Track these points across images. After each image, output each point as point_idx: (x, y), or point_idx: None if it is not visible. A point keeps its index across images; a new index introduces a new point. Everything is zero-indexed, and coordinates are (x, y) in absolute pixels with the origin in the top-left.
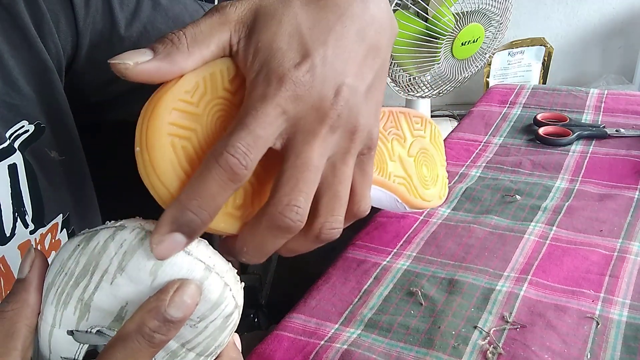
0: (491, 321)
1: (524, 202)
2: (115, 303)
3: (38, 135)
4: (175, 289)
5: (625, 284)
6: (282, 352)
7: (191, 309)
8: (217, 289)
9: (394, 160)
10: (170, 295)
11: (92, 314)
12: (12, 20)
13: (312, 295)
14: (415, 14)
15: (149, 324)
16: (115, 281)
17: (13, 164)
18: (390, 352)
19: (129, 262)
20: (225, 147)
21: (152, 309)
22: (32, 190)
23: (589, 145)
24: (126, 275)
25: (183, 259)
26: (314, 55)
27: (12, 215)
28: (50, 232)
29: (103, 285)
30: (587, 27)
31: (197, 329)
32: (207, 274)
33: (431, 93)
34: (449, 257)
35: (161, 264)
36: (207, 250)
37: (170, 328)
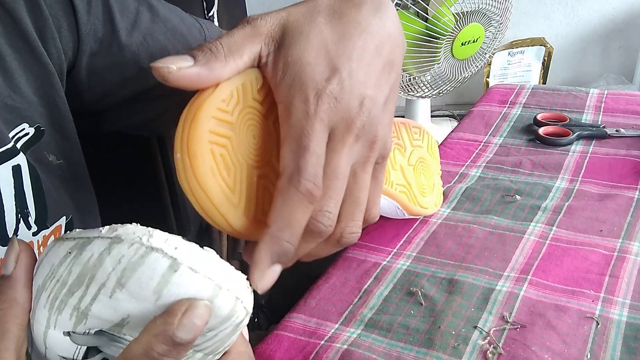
0: (491, 321)
1: (524, 202)
2: (116, 315)
3: (38, 139)
4: (184, 311)
5: (625, 284)
6: (282, 352)
7: (201, 330)
8: (228, 305)
9: (395, 169)
10: (179, 318)
11: (90, 320)
12: (15, 24)
13: (312, 295)
14: (415, 14)
15: (157, 348)
16: (114, 295)
17: (17, 165)
18: (390, 352)
19: (130, 280)
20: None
21: (160, 333)
22: (36, 191)
23: (589, 145)
24: (127, 292)
25: (190, 279)
26: (341, 69)
27: (16, 216)
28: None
29: (101, 298)
30: (587, 27)
31: (206, 337)
32: (216, 292)
33: (431, 93)
34: (449, 257)
35: (166, 284)
36: (215, 263)
37: (180, 350)
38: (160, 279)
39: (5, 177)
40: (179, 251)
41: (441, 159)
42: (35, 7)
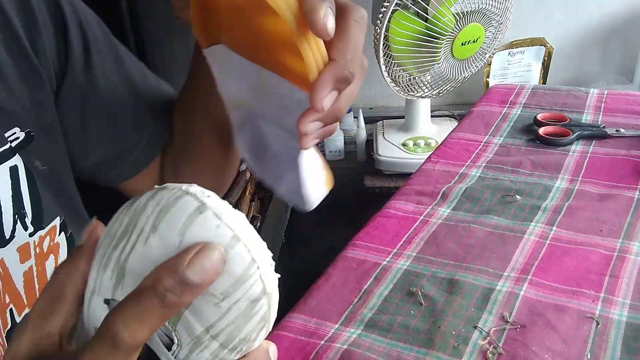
0: (491, 321)
1: (524, 202)
2: (147, 266)
3: (27, 143)
4: (197, 251)
5: (625, 284)
6: (282, 352)
7: (210, 276)
8: (243, 263)
9: None
10: (191, 257)
11: (126, 279)
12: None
13: (312, 295)
14: (415, 14)
15: (164, 281)
16: (148, 241)
17: (14, 166)
18: (391, 352)
19: (162, 221)
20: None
21: (170, 267)
22: (32, 192)
23: (589, 145)
24: (158, 235)
25: (212, 222)
26: None
27: (13, 217)
28: (49, 234)
29: (137, 246)
30: (587, 27)
31: (221, 310)
32: (233, 243)
33: (431, 93)
34: (449, 257)
35: (190, 224)
36: (241, 221)
37: (185, 291)
38: (186, 219)
39: (3, 178)
40: (210, 199)
41: (441, 159)
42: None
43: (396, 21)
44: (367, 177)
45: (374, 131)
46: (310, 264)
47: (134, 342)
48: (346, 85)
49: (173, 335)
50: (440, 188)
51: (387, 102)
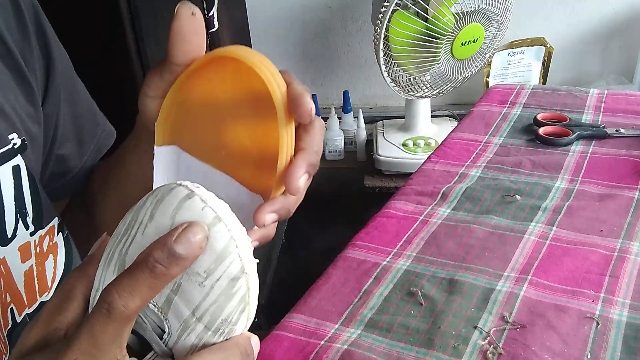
0: (491, 321)
1: (524, 202)
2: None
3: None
4: (184, 227)
5: (626, 284)
6: (282, 352)
7: (195, 250)
8: (223, 240)
9: None
10: (179, 232)
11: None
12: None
13: (312, 295)
14: (415, 14)
15: (154, 254)
16: (145, 231)
17: (17, 165)
18: (391, 352)
19: (157, 209)
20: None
21: (160, 242)
22: (33, 192)
23: (589, 145)
24: (154, 223)
25: (198, 205)
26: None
27: (15, 216)
28: (49, 234)
29: (137, 237)
30: (587, 27)
31: (204, 289)
32: (215, 222)
33: (431, 93)
34: (449, 257)
35: (179, 208)
36: (224, 207)
37: (172, 262)
38: (177, 204)
39: (6, 177)
40: (199, 189)
41: (441, 159)
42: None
43: (396, 21)
44: (367, 177)
45: (374, 131)
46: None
47: (126, 311)
48: (314, 170)
49: (164, 325)
50: (440, 188)
51: (387, 102)
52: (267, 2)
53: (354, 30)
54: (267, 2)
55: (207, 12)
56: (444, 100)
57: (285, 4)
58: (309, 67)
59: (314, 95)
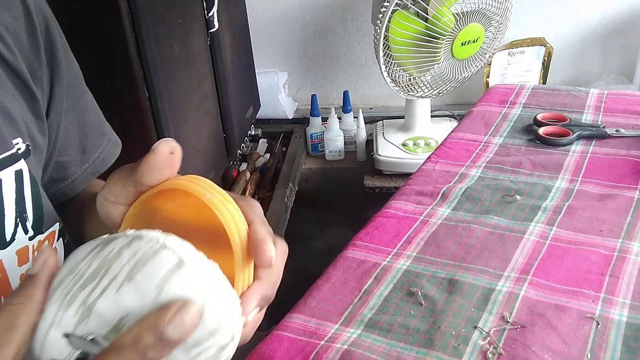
0: (491, 321)
1: (524, 202)
2: (117, 312)
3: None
4: (178, 309)
5: (626, 284)
6: (282, 352)
7: (189, 333)
8: (217, 317)
9: None
10: (171, 315)
11: (91, 319)
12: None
13: (312, 295)
14: (415, 14)
15: (145, 338)
16: (121, 289)
17: (19, 170)
18: (391, 352)
19: (139, 273)
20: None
21: (151, 325)
22: (34, 197)
23: (589, 145)
24: (133, 285)
25: (191, 280)
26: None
27: (15, 220)
28: (48, 239)
29: (109, 292)
30: (587, 27)
31: (190, 355)
32: (209, 298)
33: (431, 93)
34: (449, 257)
35: (169, 279)
36: (217, 277)
37: (165, 347)
38: (165, 274)
39: (8, 181)
40: (188, 255)
41: (441, 159)
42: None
43: (396, 21)
44: (367, 177)
45: (374, 131)
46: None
47: None
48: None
49: None
50: (440, 188)
51: (387, 102)
52: (267, 2)
53: (354, 30)
54: (267, 2)
55: (207, 12)
56: (444, 100)
57: (285, 4)
58: (309, 67)
59: (314, 95)
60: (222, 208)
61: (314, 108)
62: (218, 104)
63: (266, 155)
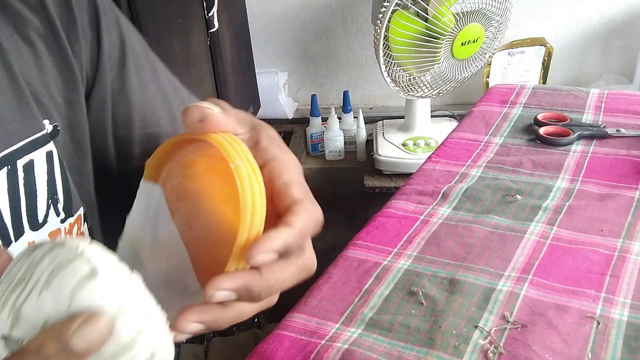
0: (492, 321)
1: (525, 202)
2: (39, 318)
3: (54, 136)
4: (84, 319)
5: (626, 284)
6: (283, 352)
7: (96, 345)
8: (129, 331)
9: None
10: (77, 325)
11: (21, 323)
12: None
13: (313, 294)
14: (415, 14)
15: (48, 347)
16: (41, 295)
17: (50, 151)
18: (391, 352)
19: (55, 279)
20: None
21: (55, 333)
22: (64, 178)
23: (589, 145)
24: (51, 292)
25: (102, 291)
26: None
27: (47, 202)
28: (77, 222)
29: (32, 297)
30: (587, 27)
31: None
32: (120, 313)
33: (431, 93)
34: (450, 257)
35: (81, 288)
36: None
37: (70, 357)
38: (76, 283)
39: (40, 162)
40: (104, 265)
41: (441, 158)
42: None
43: (396, 21)
44: (367, 177)
45: (374, 131)
46: None
47: None
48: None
49: None
50: (441, 188)
51: (387, 102)
52: (267, 2)
53: (354, 30)
54: (267, 2)
55: (207, 12)
56: (444, 100)
57: (285, 4)
58: (309, 67)
59: (314, 95)
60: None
61: (314, 108)
62: None
63: None
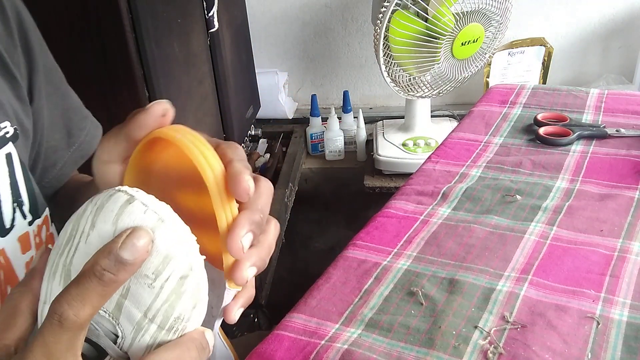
0: (492, 321)
1: (525, 202)
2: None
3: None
4: (128, 234)
5: (626, 284)
6: (283, 352)
7: (141, 253)
8: (168, 241)
9: None
10: (123, 239)
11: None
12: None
13: (313, 295)
14: (415, 14)
15: (101, 262)
16: (88, 239)
17: (9, 153)
18: (391, 352)
19: (98, 217)
20: None
21: (106, 250)
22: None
23: (589, 145)
24: (96, 231)
25: (139, 209)
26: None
27: (12, 205)
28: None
29: (80, 247)
30: (587, 27)
31: (154, 290)
32: (158, 224)
33: (431, 93)
34: (450, 257)
35: (121, 214)
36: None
37: (120, 269)
38: (118, 210)
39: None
40: (139, 193)
41: (441, 158)
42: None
43: (396, 21)
44: (367, 177)
45: (374, 131)
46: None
47: (78, 321)
48: (259, 230)
49: (117, 329)
50: (441, 188)
51: (387, 102)
52: (267, 2)
53: (354, 30)
54: (267, 2)
55: (207, 12)
56: (444, 100)
57: (285, 4)
58: (309, 67)
59: (314, 95)
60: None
61: (314, 108)
62: (218, 104)
63: (266, 155)
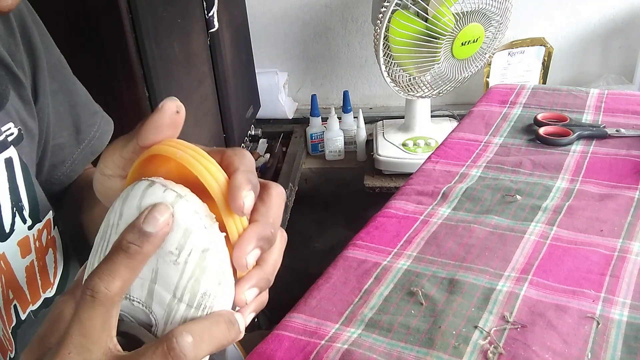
0: (492, 321)
1: (525, 202)
2: None
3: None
4: (150, 209)
5: (626, 284)
6: (283, 352)
7: (162, 226)
8: (187, 214)
9: None
10: (145, 214)
11: None
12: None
13: (313, 295)
14: (415, 14)
15: (127, 237)
16: (117, 229)
17: (9, 158)
18: (391, 352)
19: (124, 205)
20: None
21: (130, 226)
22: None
23: (589, 145)
24: (124, 219)
25: (159, 190)
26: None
27: (11, 210)
28: (46, 227)
29: (111, 239)
30: (587, 27)
31: (179, 267)
32: (177, 200)
33: (431, 93)
34: (450, 257)
35: (143, 197)
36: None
37: (144, 241)
38: (140, 194)
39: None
40: (159, 179)
41: (441, 158)
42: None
43: (396, 21)
44: (367, 177)
45: (374, 131)
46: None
47: (109, 293)
48: (268, 245)
49: (151, 318)
50: (441, 188)
51: (387, 102)
52: (267, 2)
53: (354, 30)
54: (267, 2)
55: (207, 12)
56: (444, 100)
57: (285, 4)
58: (309, 67)
59: (314, 95)
60: (193, 162)
61: (314, 108)
62: (218, 104)
63: (266, 155)
